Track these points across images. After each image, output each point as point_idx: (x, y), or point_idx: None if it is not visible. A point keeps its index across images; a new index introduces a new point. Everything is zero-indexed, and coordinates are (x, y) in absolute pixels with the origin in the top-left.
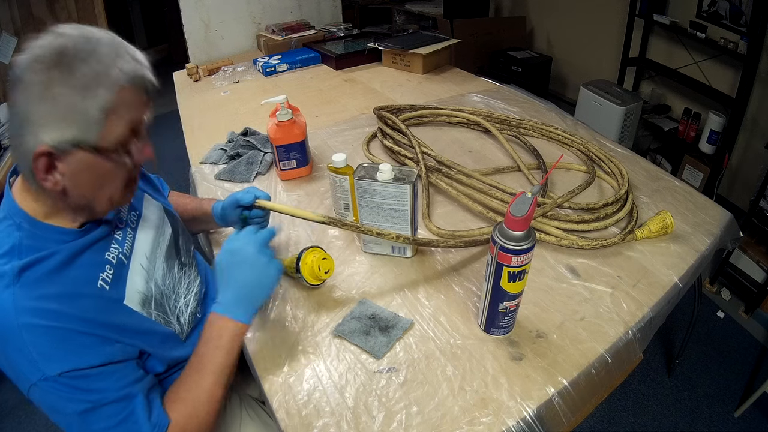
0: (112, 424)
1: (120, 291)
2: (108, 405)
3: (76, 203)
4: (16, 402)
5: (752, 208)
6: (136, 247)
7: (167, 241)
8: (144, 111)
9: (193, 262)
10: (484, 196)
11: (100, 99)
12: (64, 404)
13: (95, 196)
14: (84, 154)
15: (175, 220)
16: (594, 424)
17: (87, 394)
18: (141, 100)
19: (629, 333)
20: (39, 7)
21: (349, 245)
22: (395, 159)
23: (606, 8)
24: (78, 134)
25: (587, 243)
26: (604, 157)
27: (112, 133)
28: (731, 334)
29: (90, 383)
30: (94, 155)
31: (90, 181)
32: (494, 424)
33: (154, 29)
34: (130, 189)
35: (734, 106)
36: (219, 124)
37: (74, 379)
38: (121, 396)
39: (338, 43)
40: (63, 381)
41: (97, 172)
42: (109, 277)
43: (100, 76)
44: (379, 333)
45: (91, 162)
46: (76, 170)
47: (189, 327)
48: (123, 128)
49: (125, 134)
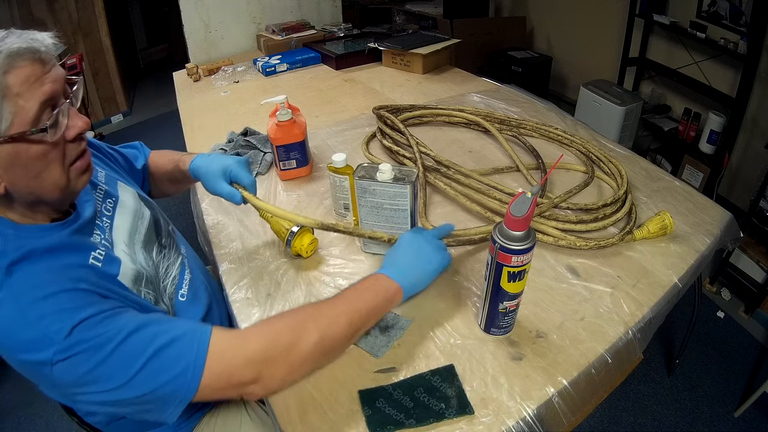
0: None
1: (113, 267)
2: (135, 332)
3: (26, 200)
4: (17, 402)
5: (752, 208)
6: (115, 231)
7: (146, 225)
8: (45, 81)
9: (173, 245)
10: (483, 196)
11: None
12: (92, 357)
13: (37, 186)
14: (3, 146)
15: (152, 204)
16: (594, 424)
17: (108, 334)
18: (35, 71)
19: (629, 333)
20: (39, 7)
21: (350, 245)
22: (394, 159)
23: (606, 8)
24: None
25: (585, 243)
26: (603, 158)
27: (21, 115)
28: (731, 334)
29: (107, 325)
30: (14, 144)
31: (24, 172)
32: (494, 424)
33: (154, 29)
34: (78, 172)
35: (734, 106)
36: (219, 124)
37: (89, 330)
38: (144, 321)
39: (338, 43)
40: (77, 335)
41: (24, 159)
42: (101, 255)
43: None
44: (378, 333)
45: (14, 151)
46: (5, 166)
47: (169, 312)
48: (30, 106)
49: (36, 111)
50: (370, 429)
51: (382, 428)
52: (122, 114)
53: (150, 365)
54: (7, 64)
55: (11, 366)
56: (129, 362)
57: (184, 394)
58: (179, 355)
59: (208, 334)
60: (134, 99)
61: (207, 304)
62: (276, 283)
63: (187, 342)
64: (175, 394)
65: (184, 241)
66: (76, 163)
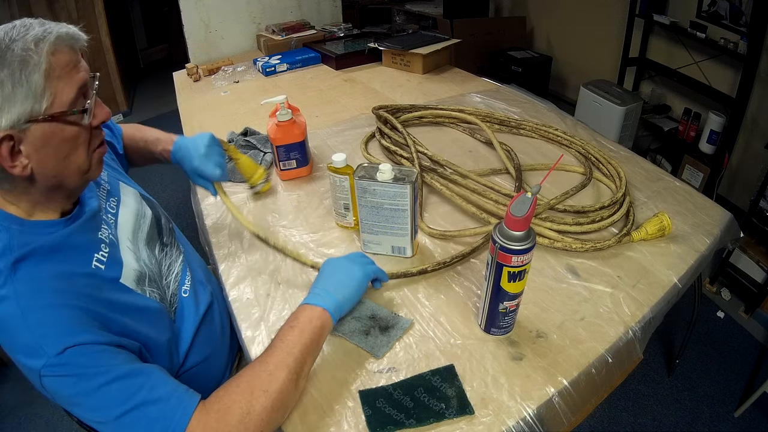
0: (131, 401)
1: (116, 270)
2: (123, 378)
3: (47, 184)
4: (17, 402)
5: (752, 208)
6: (120, 229)
7: (149, 223)
8: (80, 69)
9: (174, 242)
10: (479, 197)
11: (35, 69)
12: (76, 385)
13: (63, 168)
14: (40, 125)
15: (153, 203)
16: (594, 424)
17: (97, 368)
18: (72, 59)
19: (629, 333)
20: (39, 7)
21: (349, 245)
22: (392, 159)
23: (606, 8)
24: (28, 108)
25: (581, 245)
26: (602, 159)
27: (60, 96)
28: (731, 334)
29: (98, 358)
30: (50, 123)
31: (55, 153)
32: (494, 424)
33: (154, 29)
34: (98, 158)
35: (734, 106)
36: (219, 124)
37: (81, 356)
38: (135, 369)
39: (338, 43)
40: (68, 357)
41: (58, 140)
42: (104, 257)
43: (27, 54)
44: (379, 333)
45: (50, 131)
46: (38, 145)
47: (173, 307)
48: (68, 89)
49: (74, 96)
50: (370, 429)
51: (382, 428)
52: (122, 114)
53: (129, 416)
54: (54, 47)
55: (11, 364)
56: (110, 405)
57: None
58: (159, 417)
59: (192, 408)
60: (134, 99)
61: (208, 303)
62: (276, 284)
63: (171, 407)
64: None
65: (185, 239)
66: (98, 150)
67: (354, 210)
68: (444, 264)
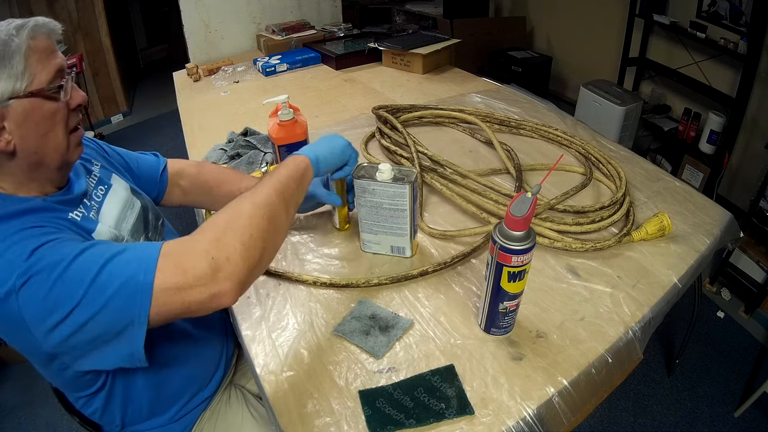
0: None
1: (90, 224)
2: (93, 247)
3: (29, 161)
4: (17, 402)
5: (752, 208)
6: (103, 215)
7: (136, 214)
8: (57, 56)
9: (160, 239)
10: (479, 197)
11: (16, 51)
12: (48, 280)
13: (43, 145)
14: (21, 102)
15: (144, 199)
16: (594, 424)
17: (62, 255)
18: (50, 46)
19: (629, 333)
20: (39, 6)
21: (349, 245)
22: (392, 159)
23: (606, 8)
24: (10, 87)
25: (581, 245)
26: (602, 159)
27: (38, 76)
28: (731, 334)
29: (65, 245)
30: (30, 99)
31: (35, 129)
32: (494, 424)
33: (154, 29)
34: (76, 141)
35: (734, 106)
36: (219, 124)
37: (48, 250)
38: (101, 240)
39: (338, 43)
40: (36, 257)
41: (38, 116)
42: (78, 217)
43: (9, 39)
44: (379, 333)
45: (30, 107)
46: (20, 121)
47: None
48: (46, 71)
49: (51, 77)
50: (370, 429)
51: (382, 428)
52: (122, 114)
53: (103, 272)
54: (34, 32)
55: (11, 363)
56: (83, 275)
57: (141, 301)
58: (130, 260)
59: (159, 244)
60: (134, 99)
61: None
62: (276, 284)
63: (138, 249)
64: (131, 300)
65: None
66: (75, 133)
67: (339, 212)
68: (444, 264)
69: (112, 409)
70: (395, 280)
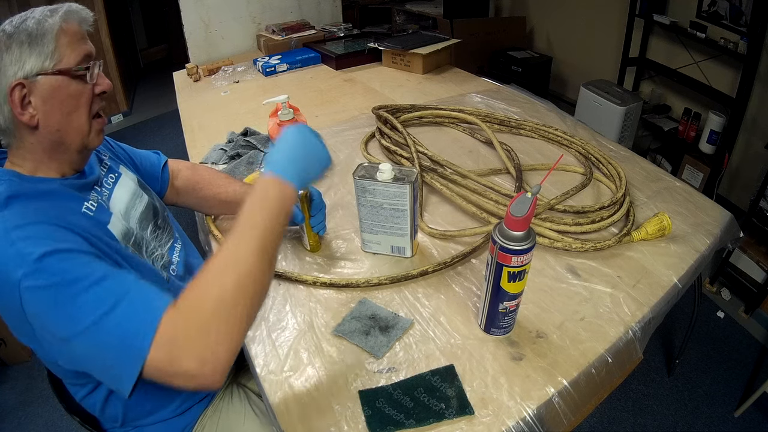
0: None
1: (105, 216)
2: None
3: (51, 139)
4: (16, 402)
5: (752, 208)
6: (113, 202)
7: (144, 204)
8: (86, 42)
9: (167, 228)
10: (479, 197)
11: (49, 31)
12: (53, 297)
13: (66, 124)
14: (48, 78)
15: (151, 193)
16: (594, 424)
17: (74, 275)
18: (80, 32)
19: (629, 333)
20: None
21: (350, 245)
22: (392, 159)
23: (606, 8)
24: (39, 64)
25: (581, 245)
26: (602, 159)
27: (67, 58)
28: (731, 334)
29: (75, 264)
30: (57, 77)
31: (60, 107)
32: (494, 424)
33: (154, 29)
34: (98, 128)
35: (734, 106)
36: (219, 124)
37: (60, 262)
38: (110, 272)
39: (338, 43)
40: (47, 263)
41: (63, 94)
42: (93, 206)
43: (43, 19)
44: (379, 333)
45: (56, 84)
46: (46, 97)
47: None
48: (75, 54)
49: (79, 60)
50: (370, 429)
51: (382, 428)
52: (122, 114)
53: (108, 319)
54: (66, 16)
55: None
56: (93, 307)
57: (132, 363)
58: (136, 311)
59: (164, 302)
60: (134, 99)
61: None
62: (276, 284)
63: (143, 301)
64: (124, 359)
65: (182, 231)
66: (98, 119)
67: (307, 231)
68: (444, 264)
69: (113, 402)
70: (395, 280)
